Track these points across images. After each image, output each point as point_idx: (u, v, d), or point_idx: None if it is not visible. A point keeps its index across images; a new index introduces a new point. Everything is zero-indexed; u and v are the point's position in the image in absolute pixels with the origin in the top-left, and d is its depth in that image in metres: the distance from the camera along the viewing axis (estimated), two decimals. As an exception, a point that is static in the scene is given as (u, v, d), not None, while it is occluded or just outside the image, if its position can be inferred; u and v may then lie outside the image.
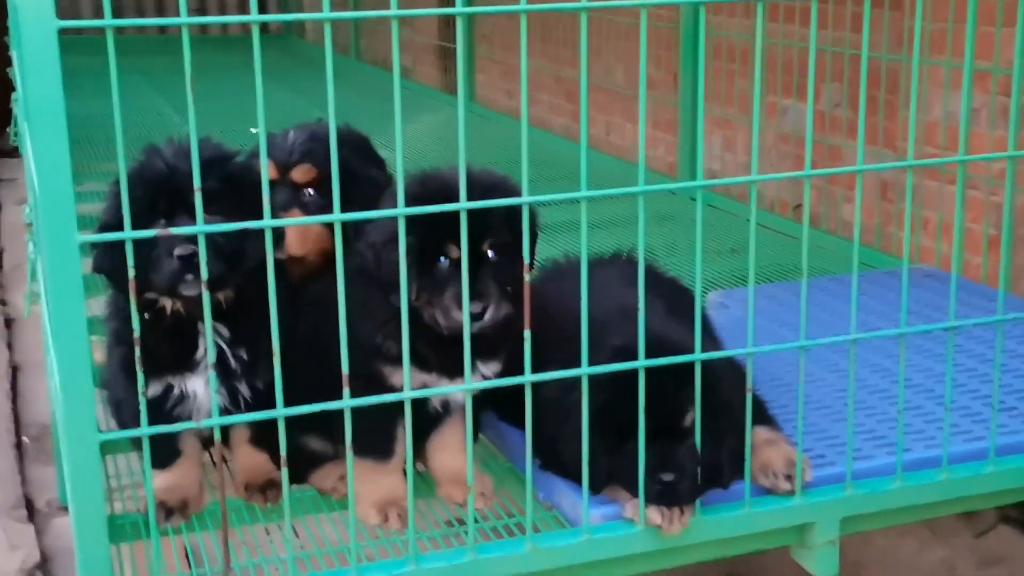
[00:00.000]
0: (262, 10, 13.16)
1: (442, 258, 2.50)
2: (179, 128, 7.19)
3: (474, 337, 2.30)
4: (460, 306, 2.38)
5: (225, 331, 2.57)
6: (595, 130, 7.29)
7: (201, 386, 2.58)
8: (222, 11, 13.44)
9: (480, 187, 2.41)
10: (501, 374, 2.62)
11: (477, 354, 2.48)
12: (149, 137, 7.10)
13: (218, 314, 2.50)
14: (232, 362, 2.59)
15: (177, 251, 2.38)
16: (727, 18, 5.67)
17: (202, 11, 13.08)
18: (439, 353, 2.53)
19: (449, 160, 3.06)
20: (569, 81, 7.69)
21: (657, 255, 4.55)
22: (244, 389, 2.61)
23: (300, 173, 2.88)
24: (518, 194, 2.48)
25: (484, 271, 2.48)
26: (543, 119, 7.98)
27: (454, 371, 2.55)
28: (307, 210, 2.83)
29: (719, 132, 6.04)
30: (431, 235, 2.43)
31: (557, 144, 7.01)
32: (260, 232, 2.12)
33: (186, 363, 2.56)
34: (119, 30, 1.94)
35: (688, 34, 5.63)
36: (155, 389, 2.55)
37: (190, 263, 2.36)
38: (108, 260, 2.45)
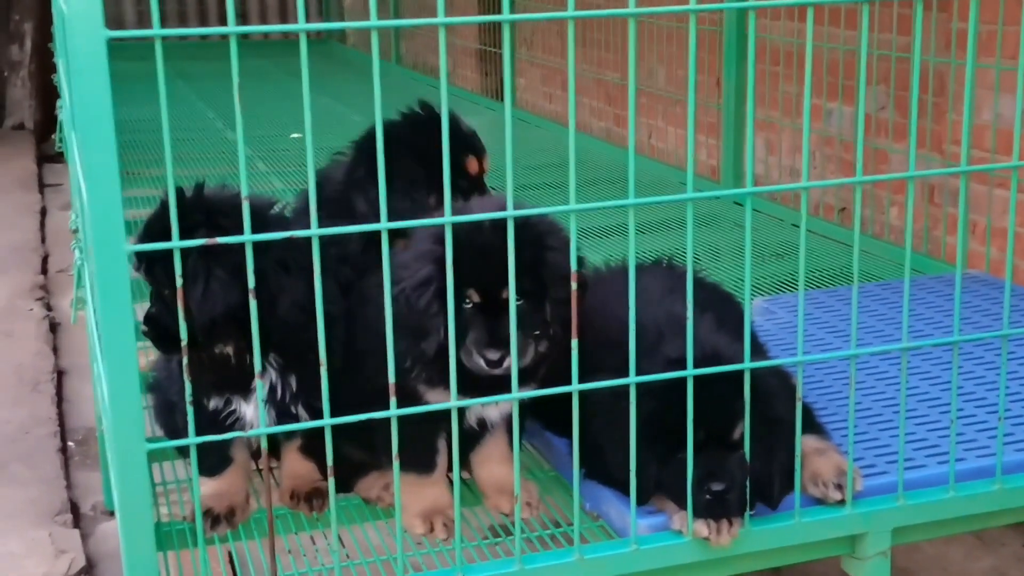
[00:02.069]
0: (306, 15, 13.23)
1: (465, 301, 2.46)
2: (221, 133, 7.26)
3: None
4: (479, 352, 2.43)
5: (278, 359, 2.60)
6: (637, 133, 7.24)
7: (251, 409, 2.61)
8: (262, 16, 13.51)
9: (523, 231, 2.36)
10: (546, 381, 2.59)
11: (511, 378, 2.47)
12: (192, 142, 7.13)
13: (272, 340, 2.50)
14: (280, 390, 2.61)
15: None
16: (770, 21, 5.63)
17: (243, 16, 13.16)
18: (473, 375, 2.46)
19: (493, 163, 3.05)
20: (609, 84, 7.65)
21: (700, 259, 4.53)
22: (300, 410, 2.63)
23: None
24: (559, 233, 2.49)
25: (506, 318, 2.34)
26: (583, 122, 7.96)
27: (487, 390, 2.52)
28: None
29: (761, 135, 5.99)
30: (454, 280, 2.27)
31: (597, 147, 6.98)
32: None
33: (240, 384, 2.57)
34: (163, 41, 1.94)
35: (731, 37, 5.59)
36: (215, 402, 2.59)
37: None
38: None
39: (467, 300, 2.46)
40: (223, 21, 12.80)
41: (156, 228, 2.38)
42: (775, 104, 5.74)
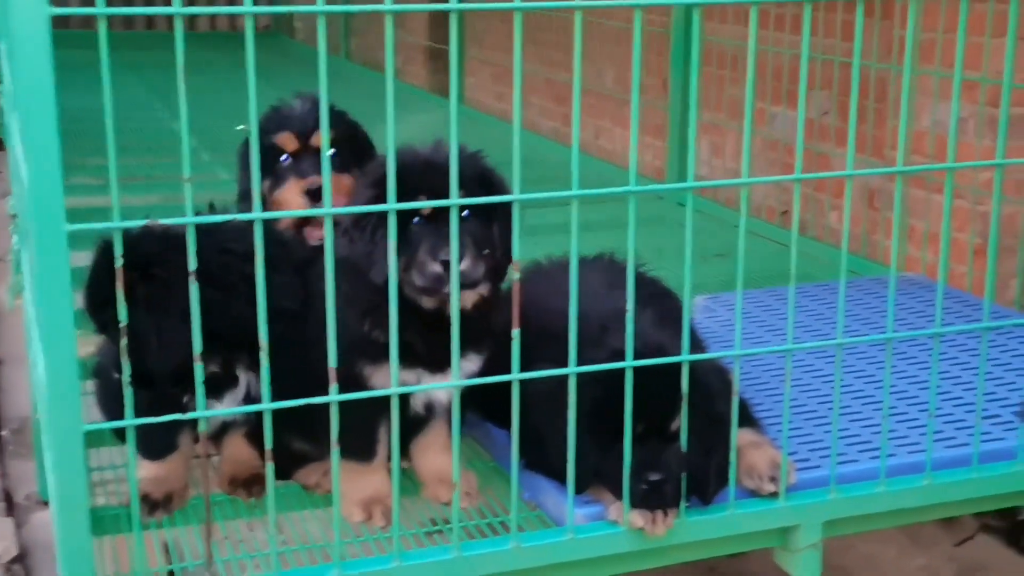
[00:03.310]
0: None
1: (415, 219, 2.44)
2: (169, 124, 7.20)
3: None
4: (434, 258, 2.38)
5: (246, 359, 2.61)
6: (584, 133, 7.29)
7: (220, 405, 2.63)
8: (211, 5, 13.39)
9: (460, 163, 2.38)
10: (487, 372, 2.61)
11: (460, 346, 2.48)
12: (136, 132, 7.05)
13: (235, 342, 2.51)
14: (250, 387, 2.63)
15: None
16: (718, 24, 5.69)
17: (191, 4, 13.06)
18: (425, 343, 2.46)
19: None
20: (559, 84, 7.69)
21: (644, 258, 4.55)
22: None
23: (319, 138, 2.88)
24: (495, 175, 2.52)
25: (458, 228, 2.33)
26: (532, 122, 7.98)
27: (437, 366, 2.54)
28: (335, 169, 2.83)
29: (707, 138, 6.05)
30: (401, 198, 2.27)
31: (546, 146, 7.01)
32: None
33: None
34: (108, 24, 1.93)
35: (679, 38, 5.64)
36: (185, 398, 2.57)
37: None
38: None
39: (416, 217, 2.44)
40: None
41: (100, 276, 2.39)
42: (720, 107, 5.81)
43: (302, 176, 2.91)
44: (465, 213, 2.42)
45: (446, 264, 2.35)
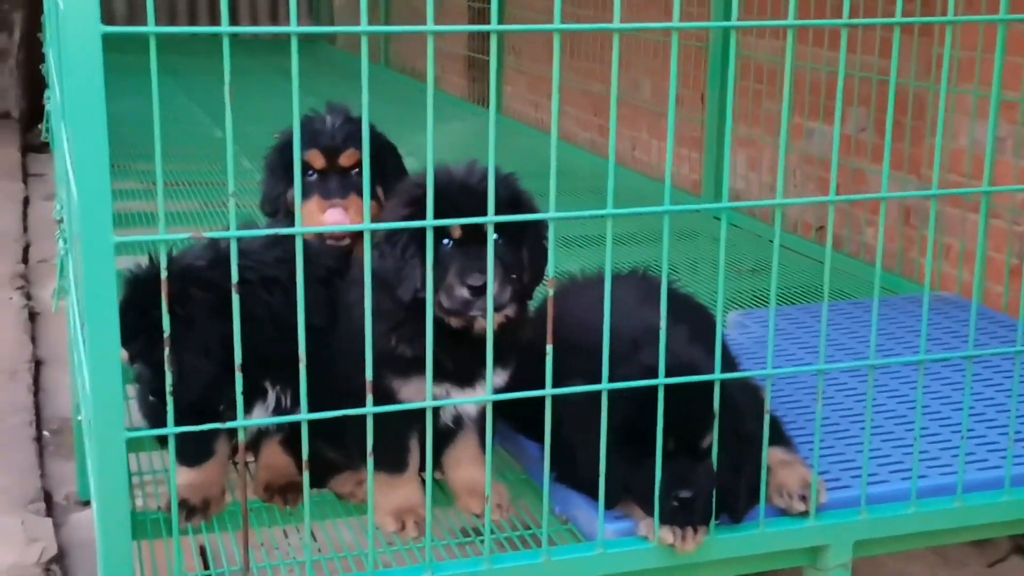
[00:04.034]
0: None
1: (445, 240, 2.45)
2: (208, 129, 7.28)
3: (482, 341, 2.30)
4: (463, 282, 2.40)
5: (279, 375, 2.64)
6: (620, 145, 7.31)
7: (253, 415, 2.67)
8: (252, 16, 13.51)
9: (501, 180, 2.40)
10: (520, 386, 2.63)
11: (486, 362, 2.51)
12: (178, 137, 7.15)
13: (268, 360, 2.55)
14: (282, 400, 2.67)
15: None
16: (756, 39, 5.69)
17: (232, 14, 13.18)
18: (451, 358, 2.47)
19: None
20: (596, 95, 7.71)
21: (679, 272, 4.58)
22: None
23: (347, 158, 2.96)
24: (526, 196, 2.53)
25: (486, 252, 2.37)
26: (569, 132, 8.01)
27: (465, 381, 2.57)
28: (360, 192, 2.89)
29: (743, 152, 6.06)
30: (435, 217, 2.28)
31: (582, 157, 7.04)
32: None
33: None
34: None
35: (716, 54, 5.66)
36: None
37: None
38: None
39: (446, 239, 2.45)
40: (213, 17, 12.82)
41: (130, 311, 2.44)
42: (757, 121, 5.81)
43: (325, 196, 2.94)
44: (495, 237, 2.44)
45: (473, 289, 2.40)
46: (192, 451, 2.69)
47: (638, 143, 7.28)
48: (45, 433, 4.81)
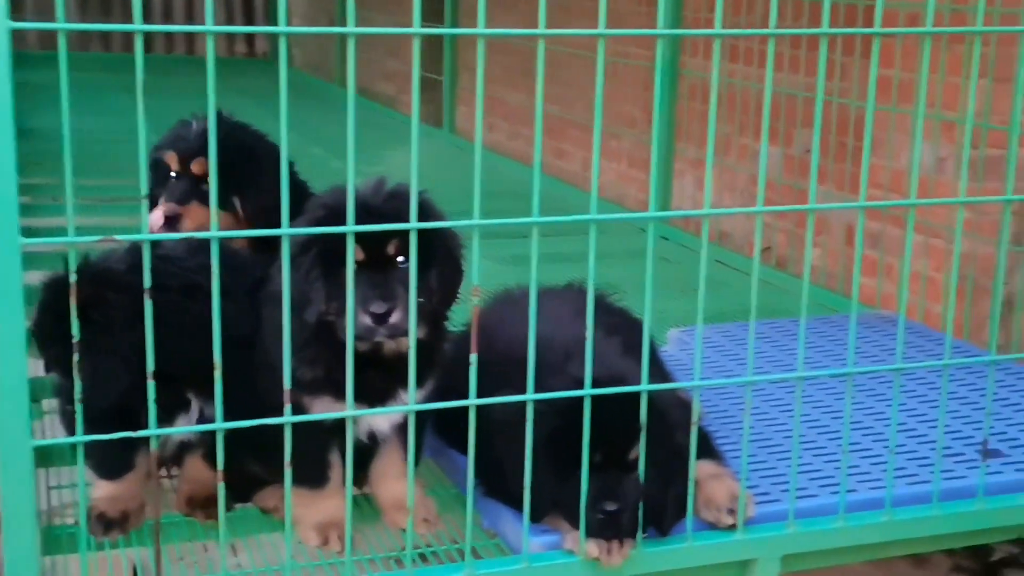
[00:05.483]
0: (247, 35, 13.22)
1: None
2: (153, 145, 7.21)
3: (392, 361, 2.27)
4: (365, 309, 2.37)
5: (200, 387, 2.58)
6: (573, 166, 7.31)
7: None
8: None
9: (396, 204, 2.41)
10: (449, 397, 2.59)
11: (398, 380, 2.48)
12: (128, 155, 7.09)
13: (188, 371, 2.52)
14: (205, 412, 2.61)
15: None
16: (703, 60, 5.72)
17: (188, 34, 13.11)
18: (359, 380, 2.33)
19: (426, 188, 3.08)
20: (552, 117, 7.72)
21: (626, 289, 4.57)
22: None
23: (198, 165, 3.07)
24: (437, 213, 2.51)
25: (392, 275, 2.42)
26: (522, 153, 8.01)
27: (377, 400, 2.53)
28: (206, 200, 2.98)
29: (693, 173, 6.07)
30: (337, 240, 2.27)
31: (540, 179, 7.03)
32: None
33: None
34: (106, 47, 1.94)
35: (664, 73, 5.68)
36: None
37: None
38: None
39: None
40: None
41: (47, 315, 2.44)
42: (706, 143, 5.82)
43: (168, 199, 3.07)
44: (400, 259, 2.42)
45: (375, 316, 2.38)
46: (111, 464, 2.64)
47: (590, 163, 7.29)
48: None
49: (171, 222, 3.04)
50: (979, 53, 2.65)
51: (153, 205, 3.14)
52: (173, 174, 3.11)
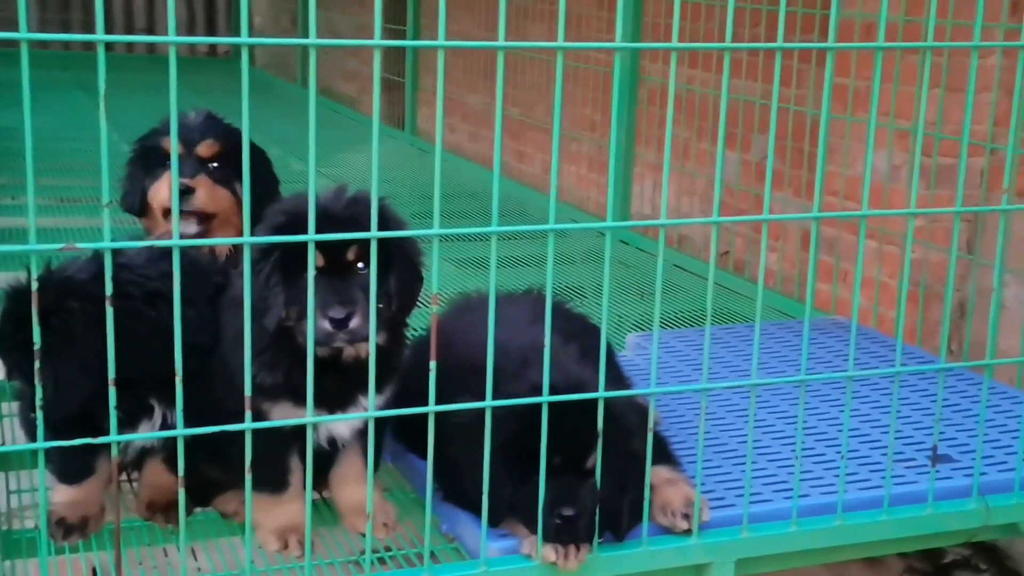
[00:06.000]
0: (209, 31, 13.16)
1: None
2: (117, 145, 7.17)
3: (352, 367, 2.28)
4: (324, 315, 2.39)
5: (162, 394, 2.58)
6: (534, 168, 7.35)
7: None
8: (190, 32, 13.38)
9: (356, 210, 2.43)
10: (409, 403, 2.62)
11: (357, 386, 2.50)
12: (87, 153, 7.00)
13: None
14: (167, 418, 2.61)
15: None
16: (663, 65, 5.77)
17: (149, 30, 13.03)
18: (319, 386, 2.33)
19: (386, 190, 3.11)
20: (513, 120, 7.76)
21: (586, 294, 4.61)
22: None
23: (205, 148, 3.18)
24: (397, 220, 2.53)
25: (352, 280, 2.43)
26: (483, 155, 8.04)
27: (337, 406, 2.55)
28: (213, 178, 3.16)
29: (652, 176, 6.13)
30: (297, 247, 2.29)
31: (500, 182, 7.06)
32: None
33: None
34: (65, 45, 1.95)
35: (624, 79, 5.72)
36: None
37: None
38: None
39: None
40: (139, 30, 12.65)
41: (7, 323, 2.44)
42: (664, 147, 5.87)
43: (180, 176, 3.08)
44: (360, 266, 2.44)
45: (335, 321, 2.40)
46: (72, 469, 2.64)
47: (550, 166, 7.33)
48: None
49: (181, 192, 3.02)
50: (930, 65, 2.70)
51: (143, 195, 3.22)
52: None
